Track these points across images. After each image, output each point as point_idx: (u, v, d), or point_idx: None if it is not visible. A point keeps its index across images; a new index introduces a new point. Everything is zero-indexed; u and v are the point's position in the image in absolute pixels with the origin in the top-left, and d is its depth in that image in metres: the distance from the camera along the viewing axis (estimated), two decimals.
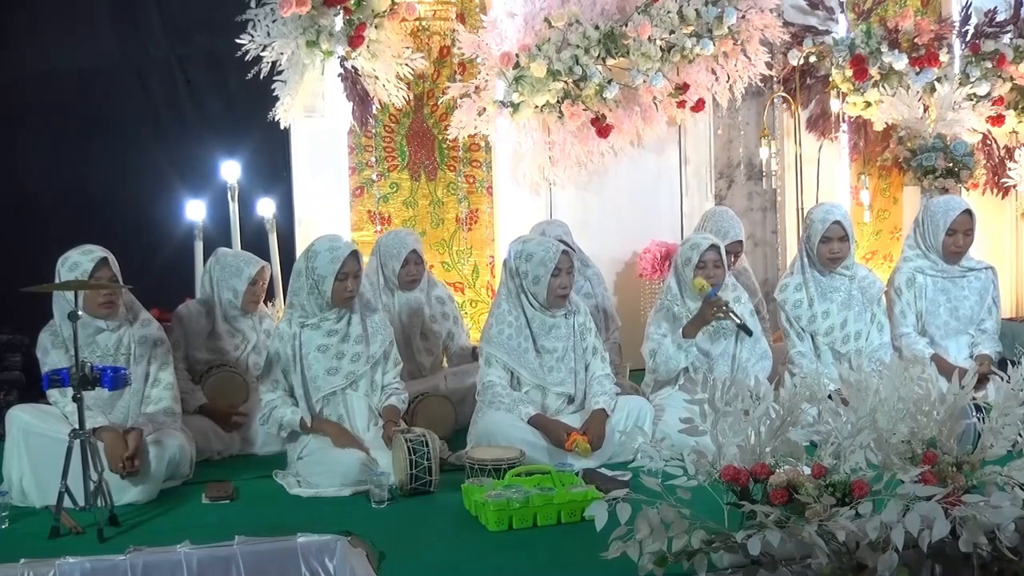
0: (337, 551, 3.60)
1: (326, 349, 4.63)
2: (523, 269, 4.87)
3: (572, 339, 4.94)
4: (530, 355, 4.86)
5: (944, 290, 5.56)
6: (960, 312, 5.55)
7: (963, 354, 5.53)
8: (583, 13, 6.39)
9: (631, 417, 4.80)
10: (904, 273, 5.60)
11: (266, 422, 4.66)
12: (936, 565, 3.14)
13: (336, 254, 4.58)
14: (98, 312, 4.41)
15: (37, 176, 6.26)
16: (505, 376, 4.84)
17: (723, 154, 7.25)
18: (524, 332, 4.86)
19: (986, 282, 5.62)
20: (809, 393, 3.44)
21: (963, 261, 5.58)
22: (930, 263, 5.57)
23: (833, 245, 5.32)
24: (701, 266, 5.07)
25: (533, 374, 4.85)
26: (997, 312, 5.64)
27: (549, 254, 4.82)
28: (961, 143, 6.93)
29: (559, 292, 4.84)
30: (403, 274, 5.66)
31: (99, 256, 4.38)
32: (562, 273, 4.83)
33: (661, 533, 3.05)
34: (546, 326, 4.89)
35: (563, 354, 4.91)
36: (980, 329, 5.58)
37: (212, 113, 6.50)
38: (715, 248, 5.10)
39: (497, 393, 4.79)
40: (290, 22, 5.84)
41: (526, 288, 4.87)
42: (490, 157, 6.76)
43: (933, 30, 6.98)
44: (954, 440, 3.42)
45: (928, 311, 5.55)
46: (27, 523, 4.03)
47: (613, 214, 6.90)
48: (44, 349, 4.42)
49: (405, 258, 5.64)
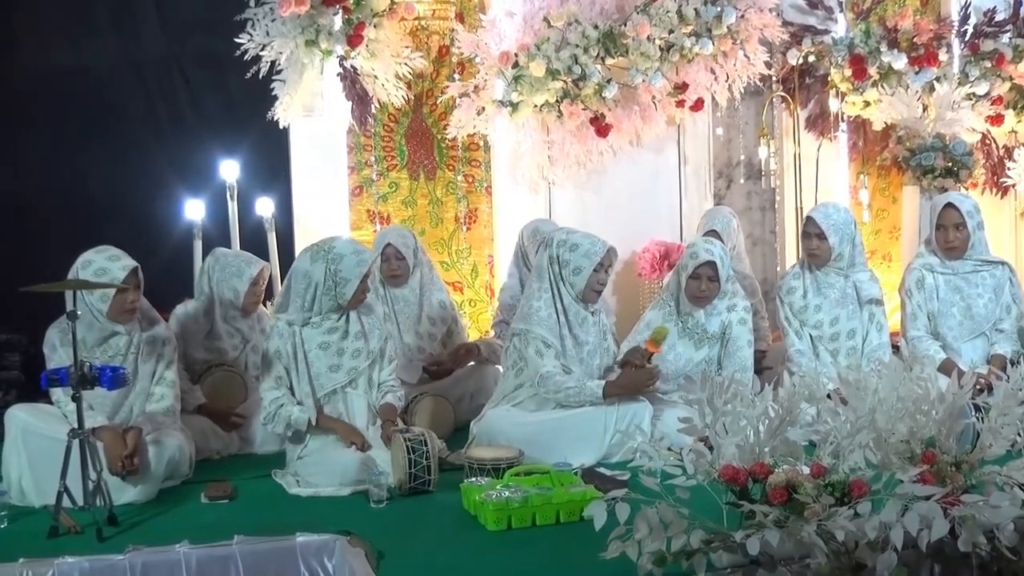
0: (336, 551, 3.60)
1: (327, 347, 4.63)
2: (565, 257, 4.87)
3: (599, 337, 4.96)
4: (568, 342, 4.86)
5: (957, 288, 5.50)
6: (974, 311, 5.46)
7: (979, 357, 5.43)
8: (582, 12, 6.39)
9: (630, 417, 4.80)
10: (914, 273, 5.57)
11: (271, 420, 4.60)
12: (935, 565, 3.14)
13: (363, 258, 4.62)
14: (121, 318, 4.43)
15: (37, 176, 6.26)
16: (560, 366, 4.79)
17: (722, 153, 7.24)
18: (561, 319, 4.87)
19: (1001, 279, 5.53)
20: (808, 392, 3.45)
21: (976, 255, 5.51)
22: (938, 260, 5.56)
23: (812, 242, 5.33)
24: (696, 277, 5.06)
25: (569, 360, 4.85)
26: (1017, 310, 5.51)
27: (596, 248, 4.85)
28: (960, 143, 6.93)
29: (596, 287, 4.87)
30: (384, 269, 5.68)
31: (130, 265, 4.38)
32: (603, 269, 4.87)
33: (660, 533, 3.05)
34: (579, 317, 4.90)
35: (593, 348, 4.93)
36: (998, 329, 5.48)
37: (211, 112, 6.50)
38: (712, 264, 5.05)
39: (558, 381, 4.73)
40: (289, 21, 5.83)
41: (565, 277, 4.87)
42: (489, 156, 6.75)
43: (932, 30, 6.97)
44: (953, 440, 3.42)
45: (940, 312, 5.49)
46: (26, 522, 4.03)
47: (612, 213, 6.89)
48: (52, 345, 4.41)
49: (383, 252, 5.67)
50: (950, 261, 5.52)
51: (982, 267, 5.54)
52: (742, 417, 3.34)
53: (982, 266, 5.54)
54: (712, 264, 5.03)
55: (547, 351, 4.78)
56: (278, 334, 4.65)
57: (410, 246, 5.77)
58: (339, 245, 4.67)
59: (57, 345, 4.38)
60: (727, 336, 5.10)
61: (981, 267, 5.54)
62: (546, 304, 4.85)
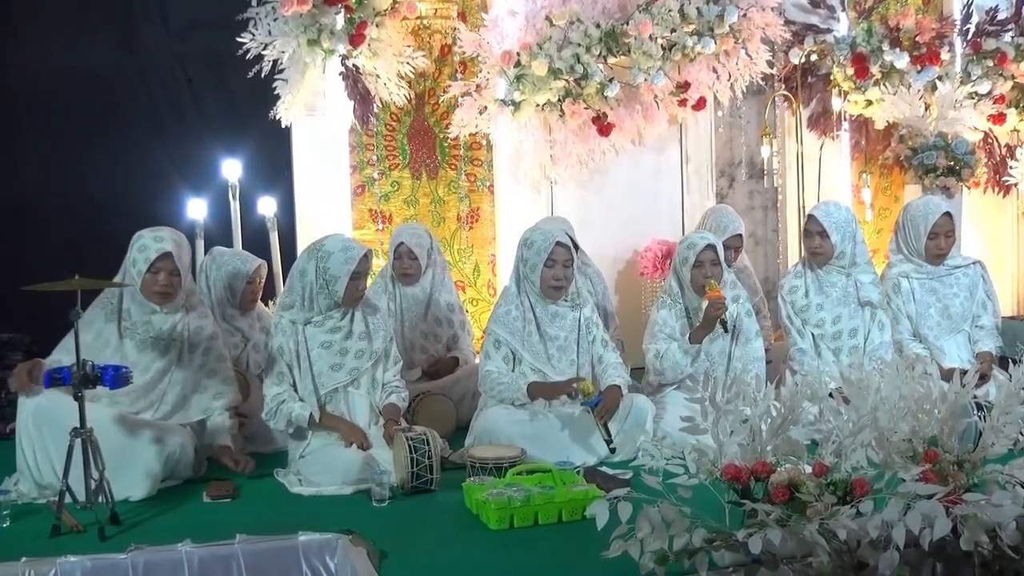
0: (338, 550, 3.60)
1: (329, 345, 4.63)
2: (525, 255, 4.92)
3: (577, 331, 4.95)
4: (534, 339, 4.89)
5: (932, 290, 5.55)
6: (951, 311, 5.53)
7: (963, 352, 5.50)
8: (584, 11, 6.39)
9: (631, 414, 4.80)
10: (889, 280, 5.59)
11: (273, 417, 4.60)
12: (937, 564, 3.14)
13: (351, 255, 4.58)
14: (152, 298, 4.50)
15: (37, 175, 6.25)
16: (504, 367, 4.86)
17: (724, 152, 7.24)
18: (529, 315, 4.90)
19: (975, 278, 5.59)
20: (810, 391, 3.45)
21: (948, 260, 5.56)
22: (914, 267, 5.57)
23: (814, 240, 5.34)
24: (698, 265, 5.07)
25: (536, 357, 4.87)
26: (993, 306, 5.59)
27: (545, 244, 4.86)
28: (962, 141, 6.93)
29: (551, 283, 4.86)
30: (396, 267, 5.71)
31: (165, 249, 4.46)
32: (556, 265, 4.85)
33: (662, 532, 3.05)
34: (549, 312, 4.92)
35: (565, 344, 4.92)
36: (978, 326, 5.54)
37: (213, 112, 6.50)
38: (711, 247, 5.09)
39: (495, 379, 4.82)
40: (291, 20, 5.84)
41: (526, 275, 4.92)
42: (491, 155, 6.76)
43: (934, 28, 6.98)
44: (955, 438, 3.42)
45: (919, 313, 5.53)
46: (28, 522, 4.03)
47: (614, 212, 6.90)
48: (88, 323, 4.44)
49: (396, 251, 5.70)
50: (932, 266, 5.53)
51: (956, 268, 5.59)
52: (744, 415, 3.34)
53: (955, 268, 5.59)
54: (712, 247, 5.08)
55: (496, 352, 4.87)
56: (281, 331, 4.65)
57: (424, 246, 5.77)
58: (329, 243, 4.66)
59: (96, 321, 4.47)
60: (737, 329, 5.10)
61: (955, 268, 5.59)
62: (512, 301, 4.92)
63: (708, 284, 4.98)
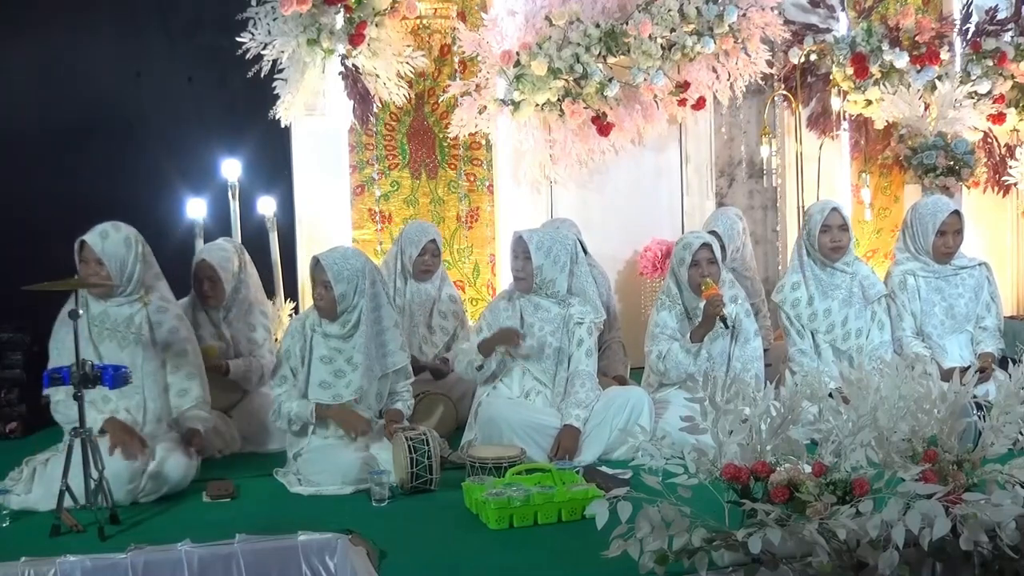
0: (338, 549, 3.60)
1: (328, 361, 4.63)
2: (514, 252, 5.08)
3: (560, 327, 4.96)
4: (515, 323, 4.98)
5: (938, 289, 5.54)
6: (956, 311, 5.52)
7: (965, 352, 5.49)
8: (584, 11, 6.39)
9: (629, 411, 4.81)
10: (896, 277, 5.58)
11: (277, 417, 4.63)
12: (937, 563, 3.14)
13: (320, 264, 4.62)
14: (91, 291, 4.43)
15: (37, 175, 6.25)
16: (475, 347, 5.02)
17: (724, 152, 7.24)
18: (516, 305, 5.03)
19: (980, 279, 5.58)
20: (810, 391, 3.45)
21: (955, 260, 5.56)
22: (921, 264, 5.56)
23: (834, 233, 5.33)
24: (695, 265, 5.07)
25: None
26: (996, 308, 5.59)
27: (515, 239, 5.02)
28: (962, 141, 6.93)
29: (515, 274, 5.00)
30: (419, 262, 5.73)
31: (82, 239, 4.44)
32: (518, 258, 4.97)
33: (662, 531, 3.05)
34: (532, 303, 5.00)
35: (544, 333, 4.96)
36: (981, 327, 5.54)
37: (213, 111, 6.48)
38: (707, 246, 5.09)
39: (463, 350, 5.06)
40: (291, 20, 5.84)
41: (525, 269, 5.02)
42: (491, 155, 6.76)
43: (934, 28, 6.98)
44: (955, 438, 3.42)
45: (923, 311, 5.52)
46: (28, 521, 4.02)
47: (614, 212, 6.90)
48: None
49: (424, 247, 5.74)
50: (939, 265, 5.53)
51: (962, 269, 5.58)
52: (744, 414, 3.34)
53: (961, 268, 5.59)
54: (707, 246, 5.10)
55: (475, 336, 5.07)
56: (290, 334, 4.69)
57: (440, 243, 5.90)
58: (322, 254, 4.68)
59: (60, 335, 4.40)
60: (736, 329, 5.10)
61: (961, 269, 5.58)
62: (506, 298, 5.10)
63: (704, 283, 4.99)
